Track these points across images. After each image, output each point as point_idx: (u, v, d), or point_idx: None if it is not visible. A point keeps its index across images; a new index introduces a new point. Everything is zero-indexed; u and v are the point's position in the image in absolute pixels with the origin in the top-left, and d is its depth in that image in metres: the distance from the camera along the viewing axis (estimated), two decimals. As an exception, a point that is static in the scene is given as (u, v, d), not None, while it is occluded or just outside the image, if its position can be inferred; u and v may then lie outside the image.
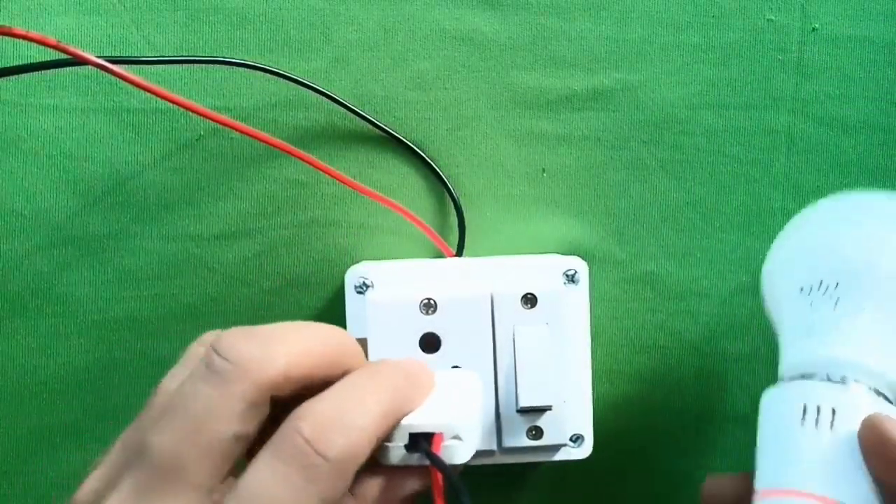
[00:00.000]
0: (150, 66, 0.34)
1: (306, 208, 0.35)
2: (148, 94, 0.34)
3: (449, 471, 0.24)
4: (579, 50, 0.36)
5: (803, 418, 0.24)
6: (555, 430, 0.32)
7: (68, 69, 0.34)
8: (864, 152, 0.37)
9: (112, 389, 0.35)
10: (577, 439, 0.34)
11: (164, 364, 0.35)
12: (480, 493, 0.37)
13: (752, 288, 0.37)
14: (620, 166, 0.36)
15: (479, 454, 0.32)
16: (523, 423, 0.32)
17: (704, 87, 0.36)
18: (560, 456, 0.33)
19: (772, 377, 0.37)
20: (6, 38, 0.34)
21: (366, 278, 0.33)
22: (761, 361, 0.37)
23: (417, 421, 0.25)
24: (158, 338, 0.35)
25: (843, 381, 0.25)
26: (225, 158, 0.35)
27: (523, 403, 0.31)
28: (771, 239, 0.37)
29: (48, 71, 0.34)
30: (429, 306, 0.32)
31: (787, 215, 0.36)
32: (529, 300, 0.32)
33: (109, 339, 0.35)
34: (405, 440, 0.25)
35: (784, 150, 0.36)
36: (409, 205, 0.35)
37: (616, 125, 0.36)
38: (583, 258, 0.34)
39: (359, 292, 0.32)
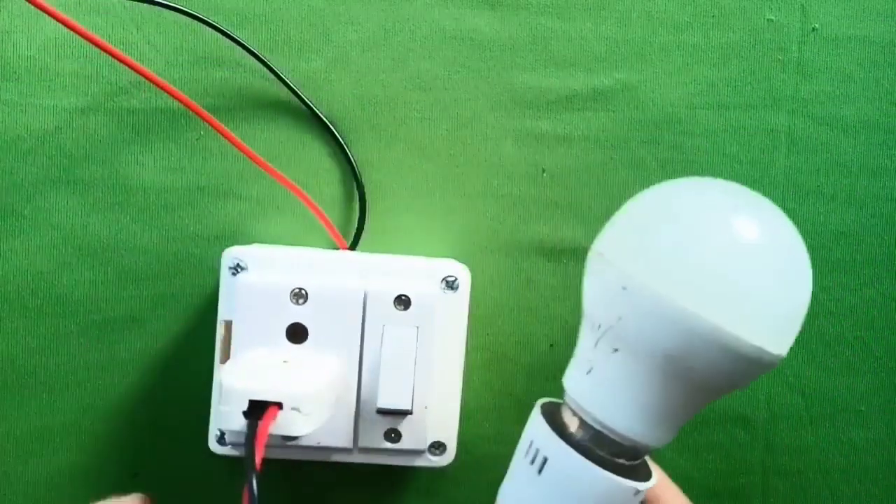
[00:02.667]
0: None
1: (306, 208, 0.35)
2: (148, 94, 0.34)
3: (251, 454, 0.24)
4: (579, 50, 0.36)
5: (527, 452, 0.27)
6: (413, 435, 0.32)
7: (68, 69, 0.34)
8: (864, 152, 0.37)
9: (112, 389, 0.35)
10: (438, 447, 0.33)
11: (164, 364, 0.35)
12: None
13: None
14: (620, 166, 0.36)
15: (335, 451, 0.32)
16: (382, 425, 0.32)
17: (704, 87, 0.36)
18: (420, 462, 0.33)
19: (770, 377, 0.37)
20: (7, 37, 0.34)
21: (241, 261, 0.32)
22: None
23: (257, 388, 0.26)
24: (158, 338, 0.35)
25: (572, 433, 0.26)
26: (225, 158, 0.35)
27: (381, 405, 0.31)
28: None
29: (48, 71, 0.34)
30: (299, 296, 0.31)
31: (788, 215, 0.36)
32: (403, 301, 0.31)
33: (109, 339, 0.35)
34: (244, 406, 0.25)
35: (784, 150, 0.36)
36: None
37: (616, 125, 0.36)
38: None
39: (233, 274, 0.32)
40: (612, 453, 0.26)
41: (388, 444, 0.32)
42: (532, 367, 0.36)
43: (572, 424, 0.26)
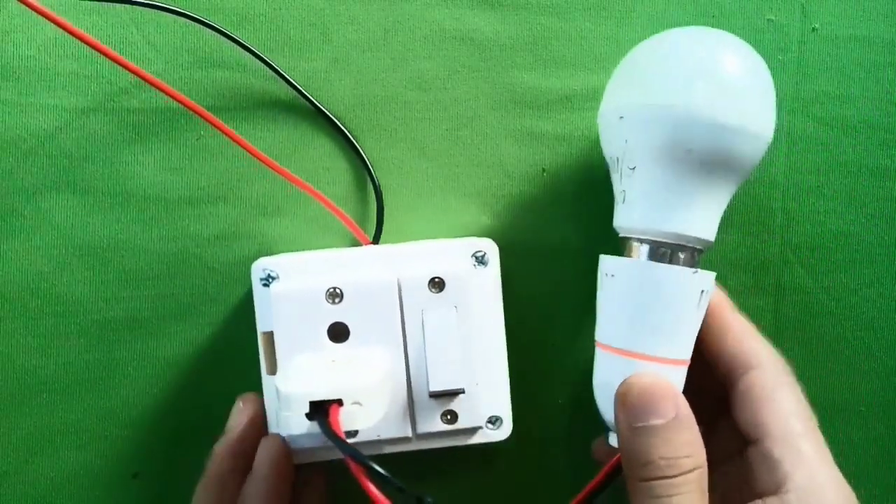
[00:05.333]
0: None
1: (307, 207, 0.35)
2: (148, 94, 0.35)
3: (338, 439, 0.25)
4: (579, 50, 0.36)
5: (603, 279, 0.31)
6: (469, 413, 0.32)
7: (68, 69, 0.34)
8: (864, 152, 0.37)
9: (112, 389, 0.35)
10: (494, 421, 0.33)
11: (164, 364, 0.35)
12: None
13: (753, 288, 0.37)
14: (620, 166, 0.36)
15: (395, 441, 0.32)
16: (437, 408, 0.32)
17: (704, 87, 0.36)
18: (479, 439, 0.33)
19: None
20: (7, 37, 0.34)
21: (271, 271, 0.32)
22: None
23: (315, 388, 0.26)
24: (158, 338, 0.35)
25: (625, 248, 0.30)
26: (225, 158, 0.35)
27: (434, 388, 0.31)
28: (771, 240, 0.37)
29: (48, 71, 0.34)
30: (335, 295, 0.31)
31: (787, 215, 0.37)
32: (437, 284, 0.32)
33: (109, 339, 0.35)
34: (305, 409, 0.26)
35: (784, 149, 0.36)
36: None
37: (616, 125, 0.36)
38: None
39: (265, 285, 0.32)
40: (668, 259, 0.29)
41: (446, 426, 0.32)
42: (532, 368, 0.36)
43: (625, 250, 0.30)
